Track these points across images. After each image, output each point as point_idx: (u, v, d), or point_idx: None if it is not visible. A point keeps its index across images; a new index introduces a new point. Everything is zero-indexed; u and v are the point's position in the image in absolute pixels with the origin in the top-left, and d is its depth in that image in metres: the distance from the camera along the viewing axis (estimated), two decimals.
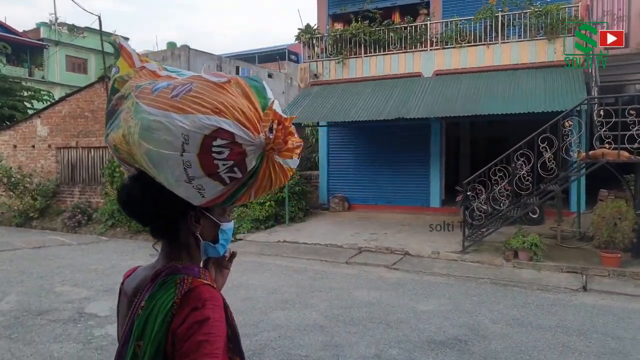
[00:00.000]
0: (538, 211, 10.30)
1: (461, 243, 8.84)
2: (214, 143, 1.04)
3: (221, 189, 1.11)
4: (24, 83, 22.70)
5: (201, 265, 1.29)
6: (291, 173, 1.20)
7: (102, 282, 7.25)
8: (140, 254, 9.75)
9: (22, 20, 62.24)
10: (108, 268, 8.27)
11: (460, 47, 12.01)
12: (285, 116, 1.12)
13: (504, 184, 8.60)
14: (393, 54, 12.72)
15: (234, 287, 6.85)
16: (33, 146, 15.13)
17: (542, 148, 8.22)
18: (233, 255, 1.38)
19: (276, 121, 1.10)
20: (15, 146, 15.52)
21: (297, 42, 14.11)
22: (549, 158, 8.23)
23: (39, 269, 8.19)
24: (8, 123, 16.54)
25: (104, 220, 12.63)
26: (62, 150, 14.67)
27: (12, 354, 4.57)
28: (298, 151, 1.18)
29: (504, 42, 11.57)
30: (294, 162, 1.16)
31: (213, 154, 1.05)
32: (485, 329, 5.32)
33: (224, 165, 1.06)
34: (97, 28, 32.15)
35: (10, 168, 14.41)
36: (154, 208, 1.21)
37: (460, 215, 9.94)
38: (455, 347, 4.81)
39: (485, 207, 8.89)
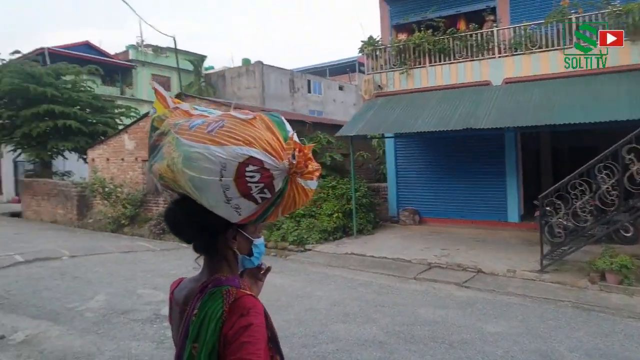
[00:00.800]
0: (632, 229, 9.44)
1: (539, 261, 8.35)
2: (247, 169, 1.26)
3: (254, 207, 1.32)
4: (117, 102, 24.68)
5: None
6: (311, 194, 1.41)
7: None
8: None
9: (113, 43, 67.71)
10: (184, 273, 8.55)
11: (531, 53, 11.36)
12: (304, 145, 1.36)
13: (585, 198, 8.01)
14: (459, 62, 12.32)
15: (298, 297, 6.96)
16: (122, 159, 16.38)
17: (628, 160, 7.58)
18: (268, 269, 1.58)
19: (297, 149, 1.33)
20: (108, 159, 16.89)
21: (360, 54, 14.11)
22: (637, 170, 7.56)
23: (125, 272, 8.86)
24: (102, 138, 18.01)
25: None
26: (147, 162, 15.68)
27: (98, 348, 5.02)
28: (317, 174, 1.39)
29: None
30: (313, 184, 1.39)
31: (247, 178, 1.27)
32: (559, 357, 4.95)
33: (256, 187, 1.28)
34: (180, 49, 34.33)
35: (104, 179, 15.70)
36: (196, 228, 1.42)
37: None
38: None
39: (566, 223, 8.32)
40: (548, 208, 8.31)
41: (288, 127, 1.36)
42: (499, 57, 11.88)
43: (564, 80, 10.70)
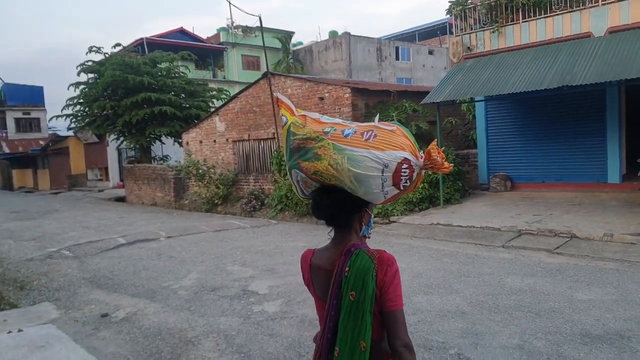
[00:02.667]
0: None
1: None
2: (402, 167, 1.71)
3: (396, 192, 1.80)
4: (210, 85, 25.82)
5: None
6: (419, 182, 1.85)
7: (265, 262, 8.09)
8: (302, 235, 10.56)
9: (207, 28, 70.58)
10: (272, 249, 9.16)
11: None
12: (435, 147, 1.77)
13: None
14: (556, 15, 11.37)
15: None
16: (214, 141, 17.28)
17: None
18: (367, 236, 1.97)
19: (437, 152, 1.76)
20: (201, 142, 17.91)
21: (448, 15, 13.53)
22: None
23: (216, 250, 9.43)
24: (196, 122, 19.08)
25: (274, 205, 13.89)
26: (237, 143, 16.48)
27: (189, 324, 5.42)
28: (448, 170, 1.81)
29: None
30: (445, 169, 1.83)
31: (401, 173, 1.72)
32: None
33: (404, 179, 1.74)
34: (268, 27, 34.98)
35: (198, 161, 16.71)
36: (341, 209, 1.84)
37: None
38: (614, 343, 4.28)
39: None
40: None
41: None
42: (603, 4, 10.82)
43: None
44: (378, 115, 2.19)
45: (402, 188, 1.77)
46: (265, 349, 4.57)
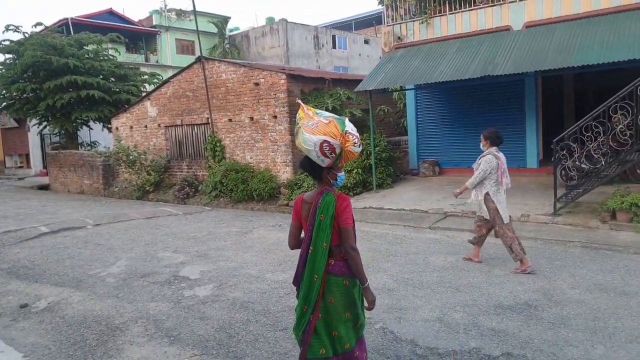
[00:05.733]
0: None
1: (553, 205, 8.34)
2: (324, 145, 2.84)
3: (328, 160, 2.89)
4: (142, 69, 24.79)
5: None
6: (357, 153, 2.98)
7: (197, 248, 8.01)
8: (236, 221, 10.52)
9: (138, 10, 67.49)
10: (205, 235, 9.07)
11: None
12: (351, 132, 2.91)
13: (601, 140, 7.86)
14: (480, 8, 11.93)
15: None
16: (145, 126, 16.72)
17: None
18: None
19: (349, 135, 2.89)
20: (131, 127, 17.27)
21: (380, 5, 13.80)
22: None
23: (147, 237, 9.21)
24: (126, 107, 18.33)
25: (208, 191, 13.70)
26: (169, 128, 16.03)
27: (117, 310, 5.29)
28: (352, 146, 2.91)
29: None
30: (357, 149, 2.93)
31: (324, 148, 2.85)
32: (560, 294, 5.08)
33: (328, 152, 2.86)
34: (203, 11, 33.93)
35: (129, 147, 16.11)
36: (313, 168, 2.99)
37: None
38: (523, 312, 4.66)
39: (580, 166, 8.22)
40: (563, 152, 8.21)
41: (347, 123, 2.92)
42: (520, 0, 11.44)
43: (587, 20, 10.34)
44: (347, 118, 3.09)
45: (330, 157, 2.87)
46: (195, 332, 4.57)
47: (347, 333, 3.01)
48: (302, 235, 3.12)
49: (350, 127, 2.89)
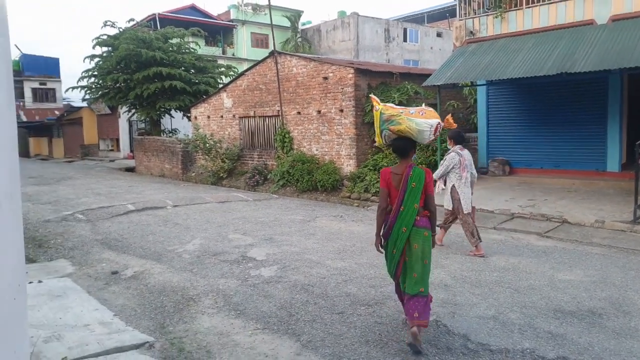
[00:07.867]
0: None
1: (633, 212, 7.93)
2: (438, 126, 4.13)
3: (433, 137, 4.16)
4: (219, 61, 25.96)
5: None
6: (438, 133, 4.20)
7: (264, 232, 8.45)
8: (301, 210, 10.91)
9: (217, 4, 70.15)
10: (272, 221, 9.51)
11: None
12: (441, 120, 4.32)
13: None
14: (560, 1, 11.40)
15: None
16: (221, 116, 17.54)
17: None
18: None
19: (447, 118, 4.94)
20: (209, 117, 18.18)
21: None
22: None
23: (219, 219, 9.82)
24: (204, 97, 19.33)
25: (276, 180, 14.20)
26: (243, 119, 16.73)
27: (191, 283, 5.80)
28: (451, 126, 5.06)
29: None
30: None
31: (437, 128, 4.11)
32: (631, 304, 4.87)
33: (438, 131, 4.15)
34: (278, 5, 34.71)
35: (205, 135, 17.02)
36: (407, 147, 4.15)
37: None
38: (585, 319, 4.54)
39: None
40: None
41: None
42: None
43: None
44: (423, 104, 4.47)
45: (433, 136, 4.08)
46: (259, 308, 4.93)
47: (423, 278, 3.98)
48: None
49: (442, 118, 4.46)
